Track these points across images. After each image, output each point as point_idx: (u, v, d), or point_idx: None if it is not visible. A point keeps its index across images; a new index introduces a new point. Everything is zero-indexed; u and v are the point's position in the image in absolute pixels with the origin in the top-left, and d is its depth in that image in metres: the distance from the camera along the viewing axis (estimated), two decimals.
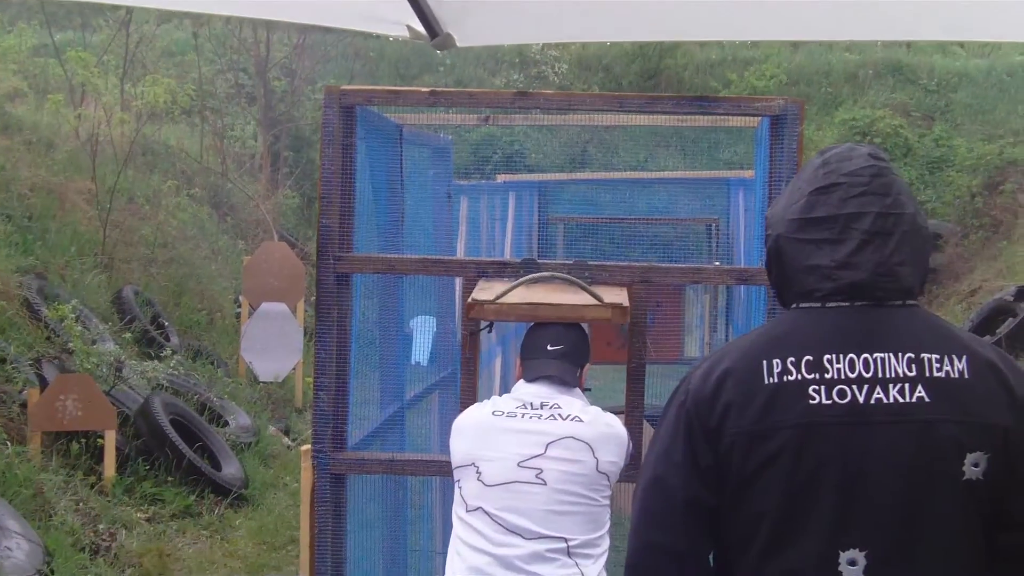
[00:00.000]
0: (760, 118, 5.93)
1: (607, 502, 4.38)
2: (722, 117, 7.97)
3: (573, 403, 4.49)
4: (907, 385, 2.78)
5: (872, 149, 3.06)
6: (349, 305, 5.11)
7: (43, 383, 10.56)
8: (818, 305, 2.90)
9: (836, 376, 2.79)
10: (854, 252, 2.87)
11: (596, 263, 5.01)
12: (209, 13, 17.68)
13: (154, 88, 16.32)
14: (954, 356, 2.82)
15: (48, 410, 9.96)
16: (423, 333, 7.70)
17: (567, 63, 28.69)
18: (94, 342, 11.87)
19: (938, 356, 2.82)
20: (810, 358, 2.82)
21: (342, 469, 5.11)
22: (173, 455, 10.66)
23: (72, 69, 17.15)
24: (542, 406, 4.45)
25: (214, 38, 22.57)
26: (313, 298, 5.06)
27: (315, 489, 5.08)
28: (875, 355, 2.81)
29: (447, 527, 7.70)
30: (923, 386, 2.79)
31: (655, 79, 29.07)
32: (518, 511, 4.25)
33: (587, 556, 4.29)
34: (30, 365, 11.02)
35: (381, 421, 6.04)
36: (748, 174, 10.48)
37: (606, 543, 4.40)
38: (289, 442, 13.16)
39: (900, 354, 2.81)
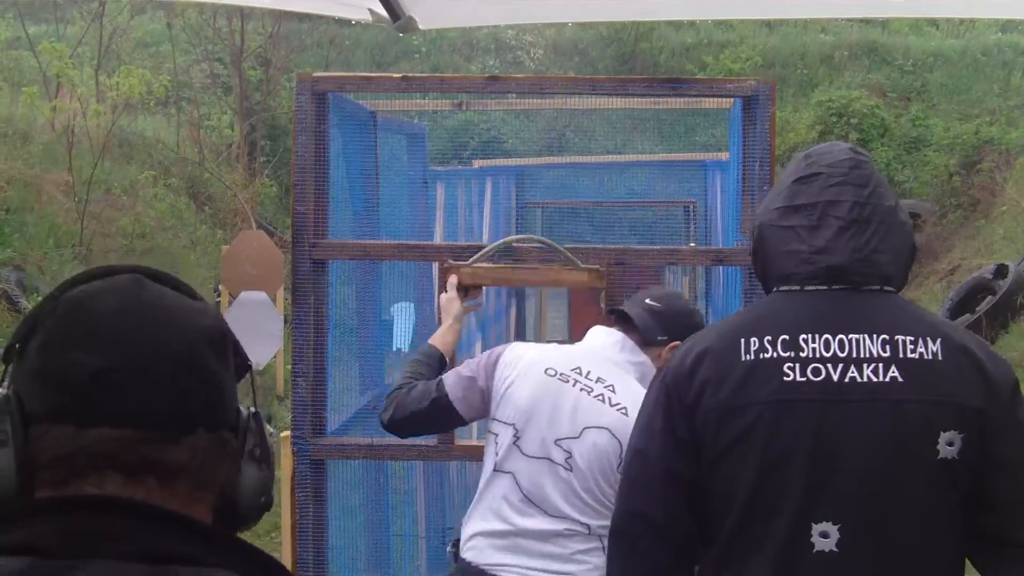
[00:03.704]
0: (733, 100, 5.95)
1: None
2: (697, 100, 8.00)
3: (628, 389, 4.27)
4: (881, 365, 2.85)
5: (852, 145, 3.17)
6: (325, 292, 5.12)
7: None
8: (797, 288, 2.98)
9: (811, 355, 2.87)
10: (832, 238, 2.95)
11: (571, 246, 5.02)
12: (180, 1, 17.66)
13: (129, 79, 16.30)
14: (928, 339, 2.89)
15: None
16: (403, 320, 7.72)
17: (542, 48, 28.71)
18: None
19: (912, 338, 2.88)
20: (786, 337, 2.89)
21: (322, 455, 5.12)
22: None
23: (46, 61, 17.13)
24: (597, 380, 4.28)
25: (188, 28, 22.51)
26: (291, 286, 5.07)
27: (295, 475, 5.10)
28: (850, 336, 2.88)
29: (430, 512, 7.75)
30: (896, 367, 2.85)
31: (630, 63, 29.10)
32: (545, 488, 4.18)
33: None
34: None
35: (360, 407, 6.06)
36: (724, 156, 10.50)
37: None
38: (271, 430, 13.13)
39: (875, 335, 2.87)
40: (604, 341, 4.43)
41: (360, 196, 6.10)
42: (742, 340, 2.92)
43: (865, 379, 2.85)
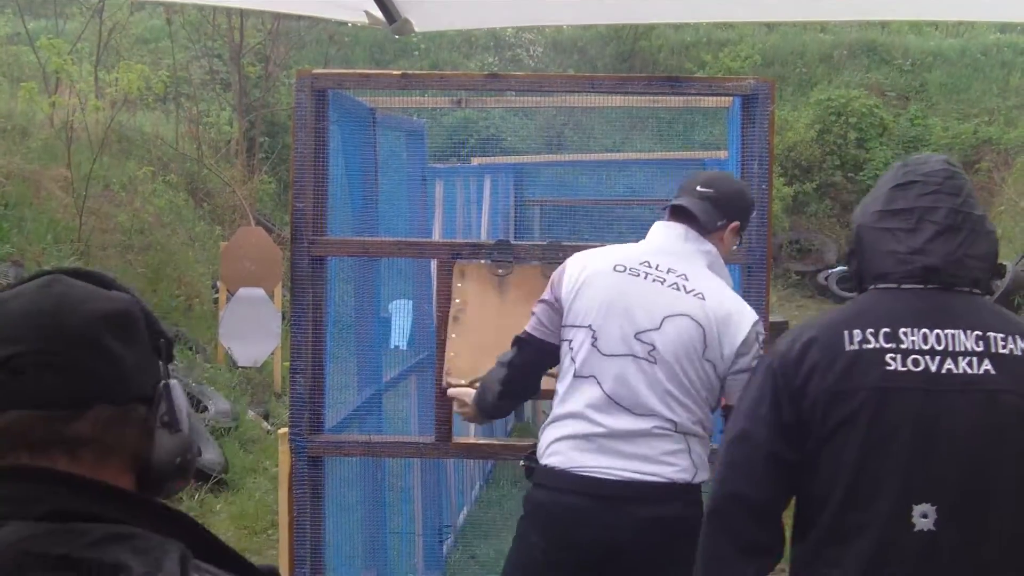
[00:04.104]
0: (732, 98, 5.95)
1: (709, 394, 4.21)
2: (696, 98, 7.99)
3: (701, 275, 4.31)
4: (975, 358, 3.13)
5: (946, 157, 3.45)
6: (324, 288, 5.12)
7: None
8: (894, 286, 3.24)
9: (911, 347, 3.14)
10: (928, 241, 3.22)
11: (570, 243, 5.02)
12: (177, 2, 17.65)
13: (128, 75, 16.25)
14: (1017, 336, 3.18)
15: None
16: (402, 317, 7.72)
17: (542, 46, 28.72)
18: None
19: (1003, 335, 3.17)
20: (887, 330, 3.16)
21: (319, 452, 5.12)
22: None
23: (46, 57, 17.08)
24: (668, 271, 4.27)
25: (188, 25, 22.48)
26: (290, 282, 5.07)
27: (293, 472, 5.10)
28: (946, 331, 3.16)
29: (427, 509, 7.75)
30: (989, 360, 3.13)
31: (630, 61, 29.11)
32: (630, 385, 4.13)
33: (695, 435, 4.18)
34: None
35: (358, 404, 6.06)
36: (723, 154, 10.51)
37: (707, 430, 4.28)
38: (268, 427, 13.16)
39: (968, 331, 3.15)
40: (667, 234, 4.43)
41: (359, 193, 6.10)
42: (846, 331, 3.19)
43: (961, 371, 3.11)
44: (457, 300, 5.08)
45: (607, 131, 21.77)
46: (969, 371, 3.11)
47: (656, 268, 4.28)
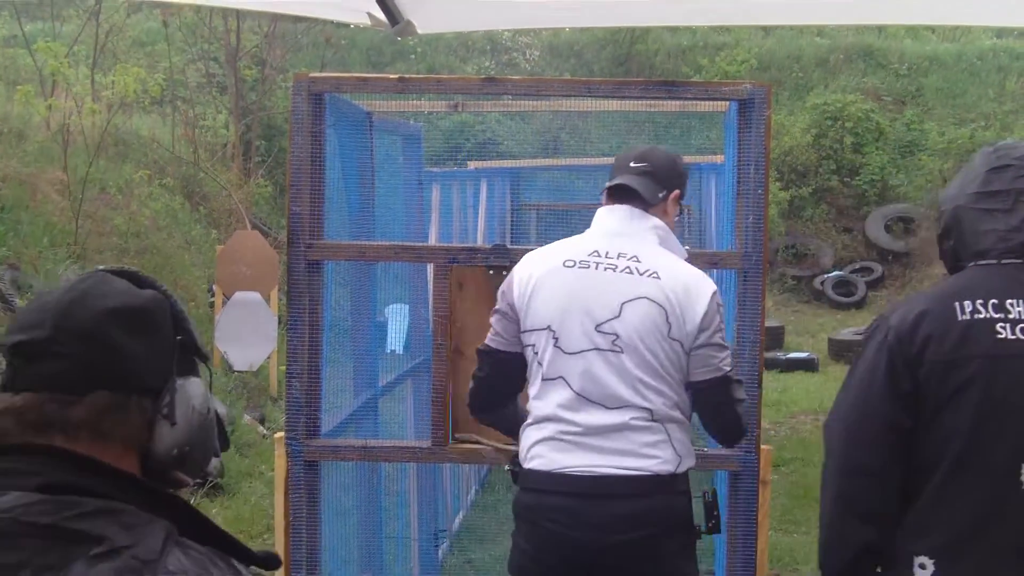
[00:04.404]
0: (728, 103, 5.95)
1: (682, 375, 4.17)
2: (692, 102, 7.99)
3: (652, 253, 4.25)
4: None
5: None
6: (320, 293, 5.11)
7: None
8: (994, 262, 3.44)
9: (1018, 316, 3.35)
10: None
11: None
12: (180, 3, 17.64)
13: (124, 78, 16.24)
14: None
15: None
16: (398, 321, 7.72)
17: (538, 49, 28.73)
18: None
19: None
20: (995, 301, 3.35)
21: (315, 456, 5.11)
22: None
23: (42, 60, 17.08)
24: (618, 256, 4.22)
25: (184, 27, 22.48)
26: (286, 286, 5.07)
27: (289, 476, 5.09)
28: None
29: (422, 514, 7.75)
30: None
31: (626, 65, 29.13)
32: (599, 380, 4.09)
33: (673, 421, 4.14)
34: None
35: (355, 408, 6.06)
36: (719, 159, 10.51)
37: (685, 413, 4.23)
38: (264, 431, 13.15)
39: None
40: (611, 218, 4.39)
41: (356, 197, 6.10)
42: (956, 303, 3.37)
43: None
44: (458, 324, 5.09)
45: (604, 135, 21.74)
46: None
47: (606, 256, 4.23)
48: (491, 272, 5.04)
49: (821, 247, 25.68)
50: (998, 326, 3.32)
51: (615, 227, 4.34)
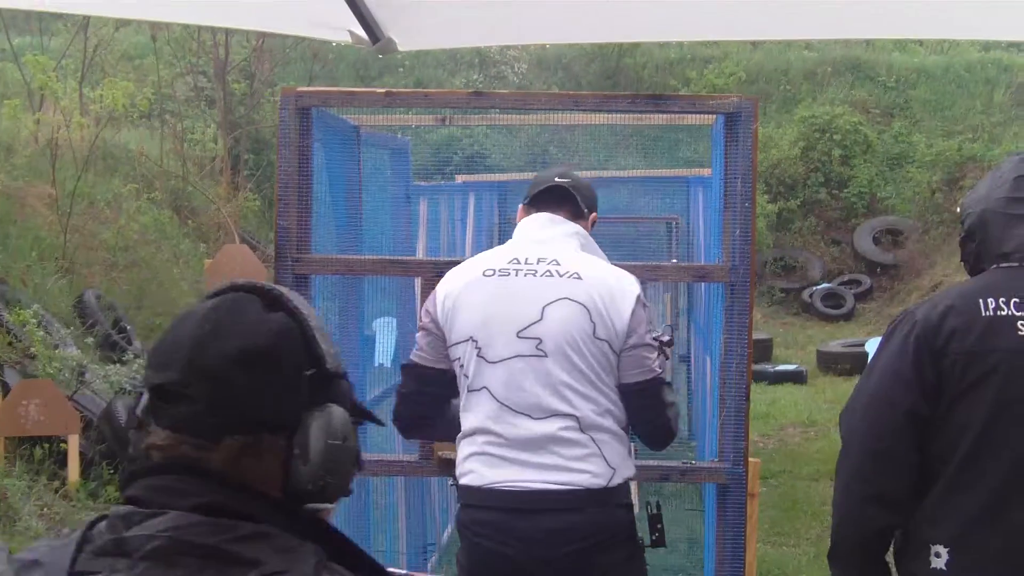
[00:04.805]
0: (716, 116, 5.97)
1: (612, 378, 4.09)
2: (680, 116, 8.00)
3: (573, 257, 4.22)
4: None
5: None
6: None
7: (5, 388, 10.53)
8: (1016, 264, 3.60)
9: None
10: None
11: None
12: (159, 21, 17.60)
13: (113, 92, 16.23)
14: None
15: (11, 415, 9.93)
16: (386, 335, 7.71)
17: (526, 63, 28.75)
18: (56, 347, 11.82)
19: None
20: (1017, 300, 3.52)
21: None
22: None
23: (30, 73, 17.06)
24: (538, 261, 4.17)
25: (173, 41, 22.46)
26: None
27: None
28: None
29: (411, 528, 7.74)
30: None
31: (614, 78, 29.16)
32: (523, 388, 4.01)
33: (603, 430, 4.05)
34: None
35: None
36: (707, 172, 10.52)
37: (619, 422, 4.13)
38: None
39: None
40: (531, 226, 4.36)
41: (343, 211, 6.10)
42: (980, 300, 3.54)
43: None
44: None
45: (592, 148, 21.75)
46: None
47: (526, 262, 4.19)
48: None
49: (810, 259, 25.72)
50: (1019, 323, 3.49)
51: (535, 234, 4.32)
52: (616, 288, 4.14)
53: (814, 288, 24.64)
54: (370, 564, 2.03)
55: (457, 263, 5.03)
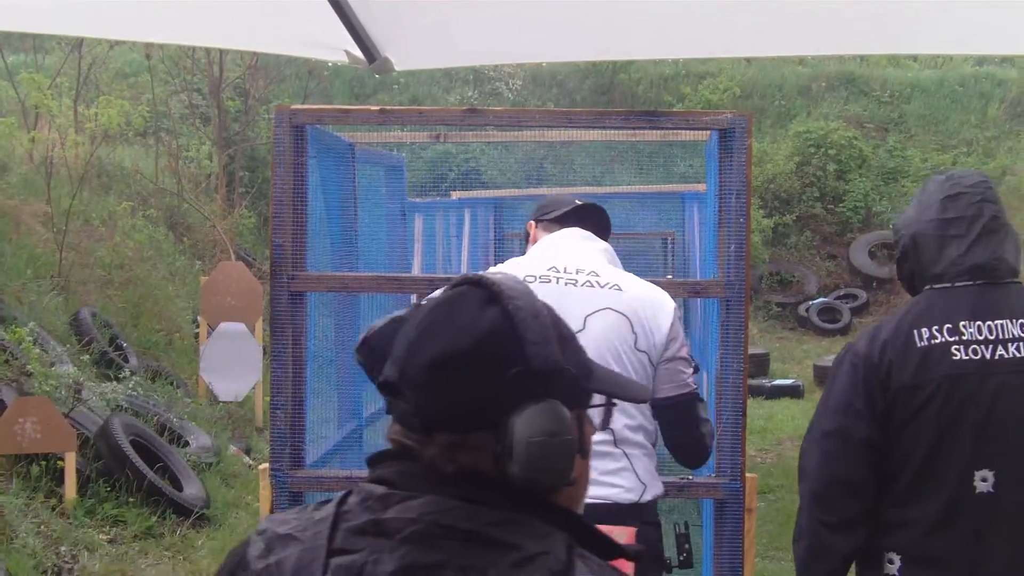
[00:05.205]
0: (710, 132, 5.97)
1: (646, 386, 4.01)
2: (674, 132, 8.01)
3: (610, 270, 4.22)
4: (1021, 344, 3.71)
5: (978, 171, 4.21)
6: (304, 324, 5.10)
7: (1, 406, 10.51)
8: (948, 285, 3.79)
9: (970, 338, 3.70)
10: (974, 243, 3.78)
11: None
12: (156, 42, 17.63)
13: (108, 109, 16.24)
14: None
15: (7, 433, 9.91)
16: None
17: (521, 79, 28.75)
18: (52, 364, 11.82)
19: None
20: (949, 325, 3.71)
21: (300, 487, 5.10)
22: (134, 476, 10.60)
23: (25, 92, 17.08)
24: (577, 271, 4.17)
25: (167, 59, 22.46)
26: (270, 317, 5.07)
27: (274, 507, 5.08)
28: (996, 321, 3.73)
29: None
30: None
31: (609, 94, 29.17)
32: None
33: (635, 445, 4.06)
34: None
35: (339, 439, 6.05)
36: (702, 188, 10.54)
37: (649, 438, 4.14)
38: (250, 461, 13.11)
39: (1014, 319, 3.73)
40: (563, 240, 4.37)
41: (338, 228, 6.10)
42: (915, 331, 3.74)
43: (1011, 355, 3.69)
44: None
45: (587, 164, 21.83)
46: (1018, 355, 3.68)
47: (564, 271, 4.18)
48: None
49: (805, 274, 25.70)
50: (953, 348, 3.69)
51: (570, 246, 4.33)
52: (656, 301, 4.18)
53: (810, 303, 24.62)
54: (611, 546, 2.10)
55: (449, 280, 5.02)
